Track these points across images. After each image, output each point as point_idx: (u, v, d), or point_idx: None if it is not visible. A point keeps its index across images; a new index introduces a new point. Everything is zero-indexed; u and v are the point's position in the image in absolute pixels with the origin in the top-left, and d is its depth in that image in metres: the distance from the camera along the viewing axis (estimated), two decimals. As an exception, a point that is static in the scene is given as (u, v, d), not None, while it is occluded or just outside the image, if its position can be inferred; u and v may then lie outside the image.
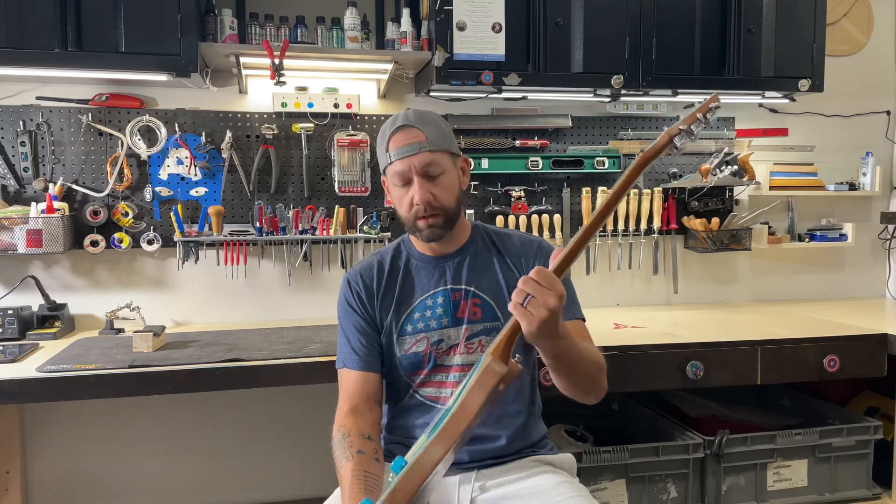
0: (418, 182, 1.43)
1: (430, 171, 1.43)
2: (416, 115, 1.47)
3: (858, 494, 2.25)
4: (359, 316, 1.54)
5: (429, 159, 1.43)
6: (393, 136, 1.44)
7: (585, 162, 2.67)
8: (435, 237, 1.47)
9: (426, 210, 1.43)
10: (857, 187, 2.93)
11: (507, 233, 1.62)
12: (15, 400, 1.85)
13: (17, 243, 2.22)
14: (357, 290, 1.54)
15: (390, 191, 1.50)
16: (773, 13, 2.51)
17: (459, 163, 1.52)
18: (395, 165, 1.43)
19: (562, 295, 1.13)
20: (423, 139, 1.43)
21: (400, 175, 1.44)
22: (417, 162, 1.42)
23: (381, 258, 1.58)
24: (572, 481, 1.48)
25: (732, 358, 2.10)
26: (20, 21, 2.01)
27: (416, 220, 1.46)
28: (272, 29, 2.34)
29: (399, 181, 1.44)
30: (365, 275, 1.55)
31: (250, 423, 2.57)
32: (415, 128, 1.44)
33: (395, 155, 1.43)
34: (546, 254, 1.54)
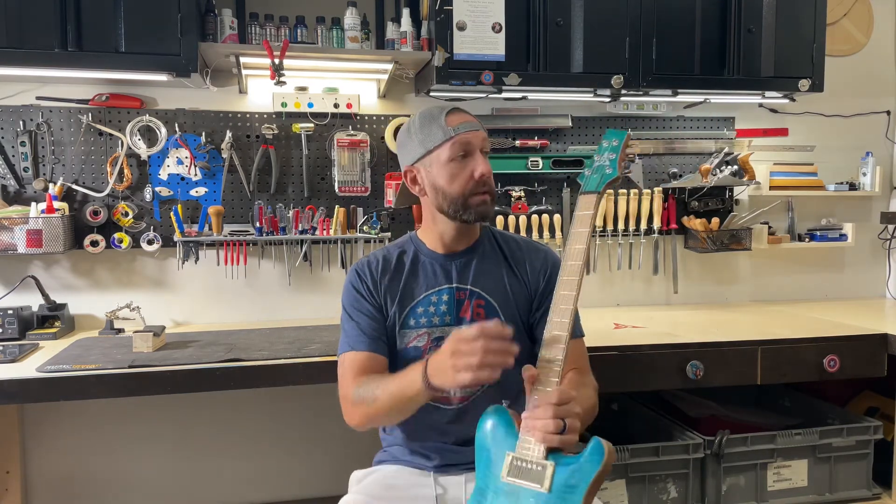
0: (481, 156, 1.47)
1: (486, 151, 1.49)
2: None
3: (858, 494, 2.25)
4: (367, 302, 1.53)
5: (487, 140, 1.50)
6: (450, 114, 1.47)
7: (585, 162, 2.65)
8: (487, 214, 1.49)
9: (485, 185, 1.46)
10: (857, 187, 2.93)
11: (514, 238, 1.63)
12: (15, 400, 1.85)
13: (17, 243, 2.22)
14: (365, 278, 1.54)
15: (436, 171, 1.47)
16: (773, 13, 2.51)
17: None
18: (462, 136, 1.45)
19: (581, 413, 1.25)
20: (477, 122, 1.50)
21: (465, 145, 1.45)
22: (481, 136, 1.48)
23: (386, 253, 1.58)
24: None
25: (732, 358, 2.10)
26: (20, 21, 2.01)
27: (472, 195, 1.46)
28: (272, 29, 2.34)
29: (461, 152, 1.45)
30: (372, 265, 1.55)
31: (250, 423, 2.57)
32: (467, 112, 1.51)
33: (462, 128, 1.45)
34: (552, 263, 1.56)
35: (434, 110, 1.49)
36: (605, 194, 2.64)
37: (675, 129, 2.81)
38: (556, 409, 1.19)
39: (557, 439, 1.19)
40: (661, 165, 2.79)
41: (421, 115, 1.51)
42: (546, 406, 1.20)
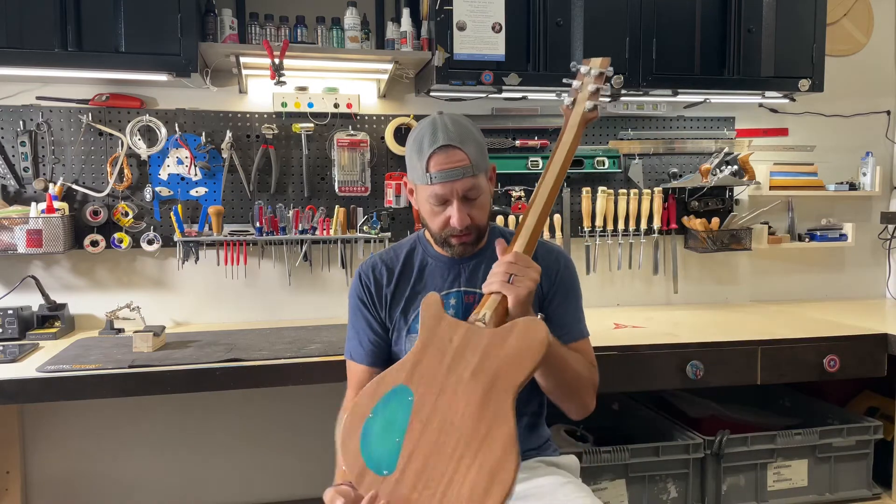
0: (457, 206, 1.40)
1: (469, 195, 1.41)
2: (456, 129, 1.40)
3: (858, 494, 2.25)
4: (368, 312, 1.52)
5: (471, 184, 1.40)
6: (434, 155, 1.37)
7: (585, 162, 2.67)
8: (466, 254, 1.48)
9: (464, 231, 1.42)
10: (857, 187, 2.93)
11: None
12: (15, 400, 1.84)
13: (17, 243, 2.22)
14: (367, 285, 1.53)
15: (420, 202, 1.46)
16: (773, 13, 2.51)
17: (489, 173, 1.49)
18: (435, 188, 1.38)
19: (539, 271, 1.31)
20: (466, 163, 1.38)
21: (439, 198, 1.40)
22: (460, 187, 1.39)
23: (395, 253, 1.56)
24: (576, 482, 1.49)
25: (732, 358, 2.10)
26: (20, 21, 2.01)
27: (450, 237, 1.44)
28: (272, 29, 2.34)
29: (436, 202, 1.41)
30: (377, 270, 1.53)
31: (250, 423, 2.57)
32: (458, 149, 1.38)
33: (437, 178, 1.38)
34: (563, 263, 1.54)
35: (426, 140, 1.39)
36: (605, 193, 2.66)
37: (675, 129, 2.81)
38: (508, 264, 1.30)
39: (498, 284, 1.28)
40: (661, 165, 2.79)
41: (416, 136, 1.42)
42: (499, 262, 1.31)
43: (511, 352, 1.22)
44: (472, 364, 1.23)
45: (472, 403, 1.20)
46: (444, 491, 1.15)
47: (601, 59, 1.49)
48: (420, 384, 1.24)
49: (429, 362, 1.26)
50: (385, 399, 1.25)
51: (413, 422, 1.21)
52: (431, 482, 1.16)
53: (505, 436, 1.16)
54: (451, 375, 1.23)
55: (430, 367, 1.25)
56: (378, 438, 1.22)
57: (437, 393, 1.23)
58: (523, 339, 1.22)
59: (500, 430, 1.16)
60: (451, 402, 1.21)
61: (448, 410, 1.21)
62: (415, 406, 1.23)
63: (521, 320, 1.25)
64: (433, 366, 1.25)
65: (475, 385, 1.21)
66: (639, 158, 2.73)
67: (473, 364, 1.23)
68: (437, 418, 1.20)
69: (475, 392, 1.20)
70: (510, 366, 1.21)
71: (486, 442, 1.16)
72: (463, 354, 1.24)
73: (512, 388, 1.20)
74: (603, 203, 2.67)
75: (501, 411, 1.18)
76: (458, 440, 1.18)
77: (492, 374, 1.21)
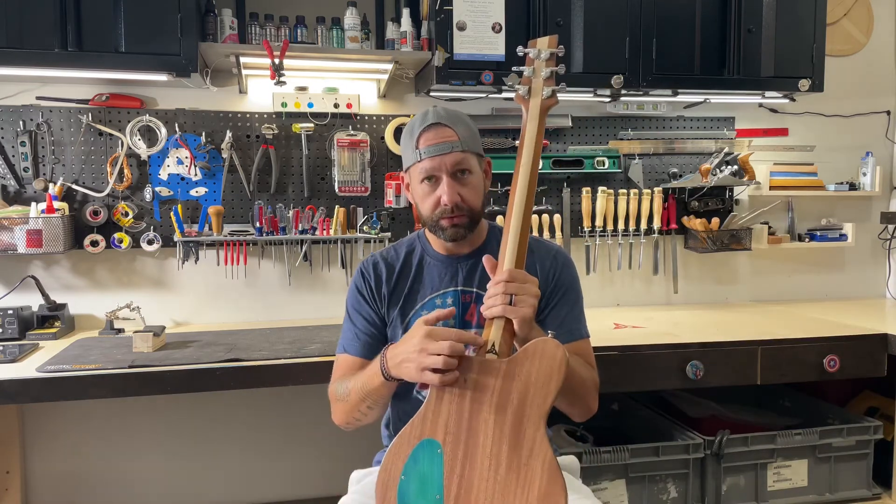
0: (447, 182, 1.40)
1: (459, 172, 1.41)
2: (447, 113, 1.44)
3: (858, 494, 2.25)
4: (368, 306, 1.53)
5: (460, 158, 1.40)
6: (424, 133, 1.41)
7: (585, 162, 2.67)
8: (458, 237, 1.45)
9: (453, 210, 1.41)
10: (857, 187, 2.93)
11: None
12: (15, 400, 1.84)
13: (17, 243, 2.22)
14: (369, 279, 1.53)
15: (413, 188, 1.47)
16: (773, 13, 2.51)
17: (483, 164, 1.50)
18: (424, 163, 1.40)
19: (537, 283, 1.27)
20: (455, 138, 1.40)
21: (428, 172, 1.41)
22: (449, 161, 1.40)
23: (396, 252, 1.57)
24: (576, 484, 1.48)
25: (732, 358, 2.10)
26: (20, 21, 2.01)
27: (441, 219, 1.43)
28: (272, 29, 2.34)
29: (427, 180, 1.42)
30: (378, 266, 1.54)
31: (250, 423, 2.57)
32: (447, 126, 1.41)
33: (426, 153, 1.40)
34: (562, 263, 1.53)
35: (416, 123, 1.44)
36: (605, 193, 2.66)
37: (675, 129, 2.81)
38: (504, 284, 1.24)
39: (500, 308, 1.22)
40: (661, 165, 2.79)
41: (408, 125, 1.47)
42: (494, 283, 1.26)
43: (532, 379, 1.17)
44: (495, 401, 1.19)
45: (504, 442, 1.16)
46: None
47: (548, 38, 1.44)
48: (445, 433, 1.20)
49: (448, 408, 1.21)
50: (413, 457, 1.21)
51: (449, 475, 1.18)
52: None
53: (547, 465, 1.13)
54: (475, 417, 1.19)
55: (450, 413, 1.21)
56: (417, 499, 1.19)
57: (465, 439, 1.19)
58: (542, 363, 1.17)
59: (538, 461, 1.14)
60: (482, 445, 1.18)
61: (481, 455, 1.17)
62: (446, 458, 1.19)
63: (534, 344, 1.19)
64: (454, 411, 1.21)
65: (502, 422, 1.17)
66: (639, 158, 2.73)
67: (496, 401, 1.19)
68: (471, 465, 1.18)
69: (504, 430, 1.17)
70: (535, 394, 1.17)
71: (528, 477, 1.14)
72: (482, 392, 1.19)
73: (541, 417, 1.16)
74: (603, 203, 2.67)
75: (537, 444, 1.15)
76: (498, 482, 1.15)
77: (517, 407, 1.17)
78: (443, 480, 1.18)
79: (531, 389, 1.17)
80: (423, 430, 1.22)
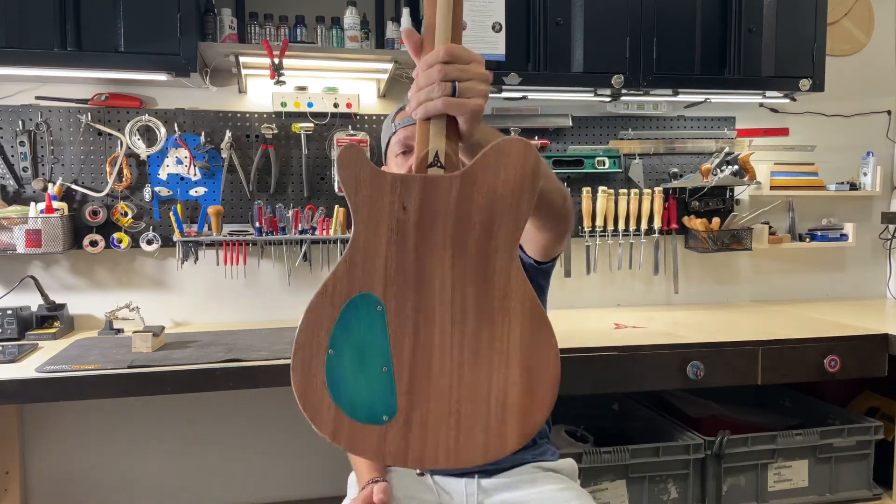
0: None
1: None
2: None
3: (859, 495, 2.25)
4: None
5: None
6: (401, 110, 1.45)
7: (586, 162, 2.66)
8: None
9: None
10: (857, 187, 2.93)
11: None
12: (14, 400, 1.84)
13: (17, 243, 2.22)
14: None
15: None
16: (774, 13, 2.50)
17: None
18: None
19: (483, 62, 0.88)
20: None
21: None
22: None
23: None
24: (575, 487, 1.47)
25: (733, 358, 2.10)
26: (20, 21, 2.01)
27: None
28: (272, 28, 2.34)
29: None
30: None
31: (250, 423, 2.57)
32: None
33: (400, 124, 1.42)
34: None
35: (395, 109, 1.50)
36: (606, 193, 2.66)
37: (675, 128, 2.80)
38: (441, 66, 0.84)
39: (440, 102, 0.84)
40: (661, 165, 2.79)
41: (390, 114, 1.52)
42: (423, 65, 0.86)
43: (498, 194, 0.85)
44: (449, 230, 0.86)
45: (469, 283, 0.86)
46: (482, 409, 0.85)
47: None
48: (385, 284, 0.87)
49: (385, 249, 0.86)
50: (342, 321, 0.88)
51: (397, 337, 0.87)
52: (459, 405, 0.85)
53: (528, 306, 0.86)
54: (424, 255, 0.86)
55: (389, 256, 0.86)
56: (355, 378, 0.87)
57: (415, 287, 0.86)
58: (507, 171, 0.85)
59: (516, 302, 0.86)
60: (439, 290, 0.86)
61: (440, 304, 0.86)
62: (389, 316, 0.87)
63: (495, 146, 0.85)
64: (393, 252, 0.86)
65: (463, 255, 0.86)
66: (639, 158, 2.73)
67: (450, 230, 0.86)
68: (426, 319, 0.86)
69: (467, 266, 0.86)
70: (503, 214, 0.85)
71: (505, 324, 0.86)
72: (432, 221, 0.86)
73: (513, 243, 0.86)
74: (603, 203, 2.67)
75: (512, 279, 0.86)
76: (466, 336, 0.86)
77: (480, 234, 0.86)
78: (389, 346, 0.87)
79: (497, 207, 0.85)
80: (350, 283, 0.87)
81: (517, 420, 0.85)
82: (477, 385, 0.85)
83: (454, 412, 0.85)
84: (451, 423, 0.85)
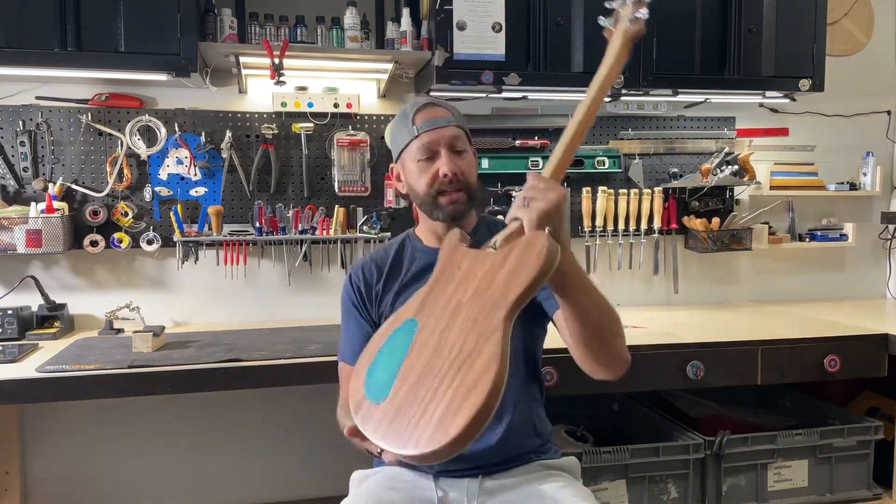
0: (446, 154, 1.42)
1: (456, 146, 1.44)
2: (436, 99, 1.49)
3: (859, 495, 2.25)
4: (359, 313, 1.54)
5: (457, 133, 1.44)
6: (419, 111, 1.45)
7: (585, 162, 2.67)
8: (458, 214, 1.45)
9: (451, 183, 1.42)
10: (857, 187, 2.93)
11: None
12: (15, 400, 1.84)
13: (17, 243, 2.22)
14: (358, 285, 1.55)
15: (408, 169, 1.47)
16: (774, 13, 2.50)
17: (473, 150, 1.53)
18: (422, 137, 1.42)
19: (563, 193, 1.13)
20: (450, 115, 1.46)
21: (427, 147, 1.42)
22: (447, 134, 1.43)
23: (385, 251, 1.58)
24: (578, 485, 1.48)
25: (733, 358, 2.10)
26: (20, 21, 2.01)
27: (439, 195, 1.43)
28: (272, 28, 2.34)
29: (424, 154, 1.43)
30: (366, 269, 1.56)
31: (250, 423, 2.57)
32: (440, 106, 1.47)
33: (424, 126, 1.42)
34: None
35: (408, 106, 1.48)
36: (606, 193, 2.66)
37: (675, 128, 2.81)
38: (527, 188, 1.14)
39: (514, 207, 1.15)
40: (661, 165, 2.79)
41: (401, 112, 1.51)
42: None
43: (509, 268, 1.12)
44: (474, 287, 1.15)
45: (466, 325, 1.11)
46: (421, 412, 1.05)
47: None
48: (425, 314, 1.19)
49: (436, 293, 1.20)
50: (393, 333, 1.20)
51: (412, 348, 1.14)
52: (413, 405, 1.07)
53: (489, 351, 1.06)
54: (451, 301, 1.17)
55: (436, 297, 1.20)
56: (380, 369, 1.16)
57: (437, 319, 1.16)
58: (522, 253, 1.12)
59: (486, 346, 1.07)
60: (448, 325, 1.13)
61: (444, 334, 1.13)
62: (416, 334, 1.16)
63: (524, 237, 1.13)
64: (439, 295, 1.19)
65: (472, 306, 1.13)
66: (639, 158, 2.73)
67: (476, 286, 1.15)
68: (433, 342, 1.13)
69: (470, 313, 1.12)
70: (507, 282, 1.11)
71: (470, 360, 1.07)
72: (466, 279, 1.18)
73: (505, 303, 1.09)
74: (603, 203, 2.67)
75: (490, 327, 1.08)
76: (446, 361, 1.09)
77: (488, 294, 1.12)
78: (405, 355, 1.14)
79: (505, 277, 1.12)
80: (408, 311, 1.22)
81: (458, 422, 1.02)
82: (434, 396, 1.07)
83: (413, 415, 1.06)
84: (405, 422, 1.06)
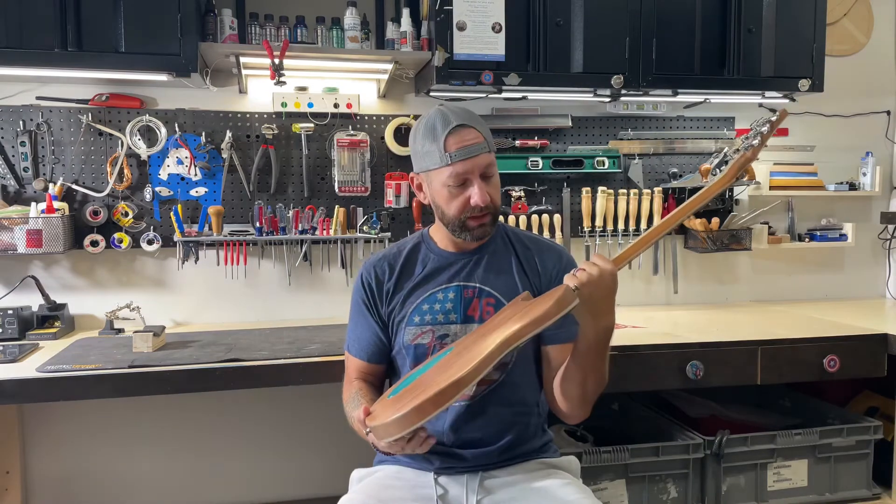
0: (479, 183, 1.42)
1: (488, 172, 1.45)
2: (464, 112, 1.45)
3: (858, 494, 2.25)
4: (369, 313, 1.55)
5: (489, 160, 1.45)
6: (451, 135, 1.41)
7: (585, 162, 2.67)
8: (485, 235, 1.49)
9: (484, 209, 1.44)
10: (857, 187, 2.93)
11: (527, 236, 1.62)
12: (15, 400, 1.84)
13: (17, 243, 2.22)
14: (369, 282, 1.56)
15: (435, 189, 1.46)
16: (773, 13, 2.51)
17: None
18: (456, 167, 1.41)
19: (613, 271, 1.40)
20: (481, 140, 1.43)
21: (459, 176, 1.42)
22: (480, 163, 1.42)
23: (399, 249, 1.59)
24: (577, 483, 1.48)
25: (732, 358, 2.10)
26: (20, 21, 2.01)
27: (469, 219, 1.45)
28: (272, 29, 2.34)
29: (457, 182, 1.42)
30: (378, 267, 1.56)
31: (250, 423, 2.57)
32: (472, 127, 1.43)
33: (458, 156, 1.40)
34: (566, 263, 1.55)
35: (438, 124, 1.42)
36: (605, 193, 2.67)
37: (675, 129, 2.81)
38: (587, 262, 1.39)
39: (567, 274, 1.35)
40: (661, 165, 2.79)
41: (426, 124, 1.45)
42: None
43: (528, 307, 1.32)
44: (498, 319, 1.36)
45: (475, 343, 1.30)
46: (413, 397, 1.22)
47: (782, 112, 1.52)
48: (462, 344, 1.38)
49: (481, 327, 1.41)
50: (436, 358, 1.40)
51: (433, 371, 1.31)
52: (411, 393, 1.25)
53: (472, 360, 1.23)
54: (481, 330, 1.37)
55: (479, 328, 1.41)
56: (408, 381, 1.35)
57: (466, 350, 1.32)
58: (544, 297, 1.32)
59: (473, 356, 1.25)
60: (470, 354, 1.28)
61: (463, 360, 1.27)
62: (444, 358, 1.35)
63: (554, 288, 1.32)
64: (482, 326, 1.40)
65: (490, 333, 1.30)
66: (639, 158, 2.73)
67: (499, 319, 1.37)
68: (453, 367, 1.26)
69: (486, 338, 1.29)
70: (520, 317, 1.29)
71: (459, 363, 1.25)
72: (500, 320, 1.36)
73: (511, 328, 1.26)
74: (603, 203, 2.67)
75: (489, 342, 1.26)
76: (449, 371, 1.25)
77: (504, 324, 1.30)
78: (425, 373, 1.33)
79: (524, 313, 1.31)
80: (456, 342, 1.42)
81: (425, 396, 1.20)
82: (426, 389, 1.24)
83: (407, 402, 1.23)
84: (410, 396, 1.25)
